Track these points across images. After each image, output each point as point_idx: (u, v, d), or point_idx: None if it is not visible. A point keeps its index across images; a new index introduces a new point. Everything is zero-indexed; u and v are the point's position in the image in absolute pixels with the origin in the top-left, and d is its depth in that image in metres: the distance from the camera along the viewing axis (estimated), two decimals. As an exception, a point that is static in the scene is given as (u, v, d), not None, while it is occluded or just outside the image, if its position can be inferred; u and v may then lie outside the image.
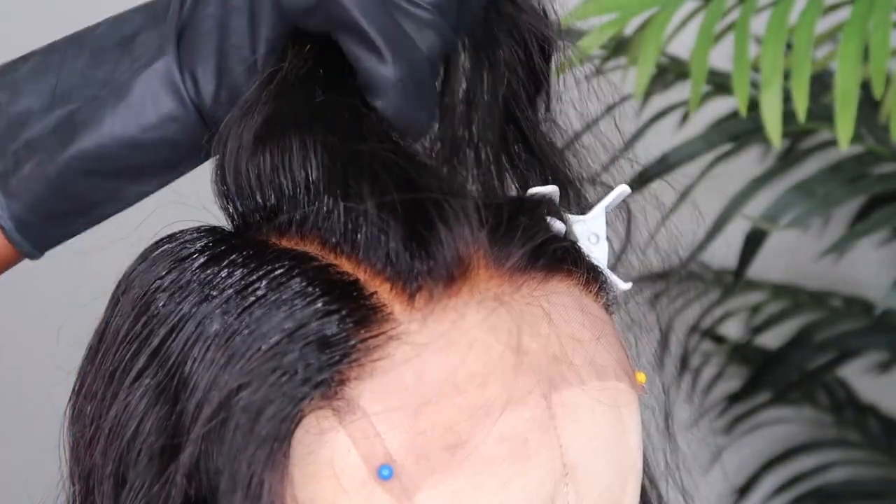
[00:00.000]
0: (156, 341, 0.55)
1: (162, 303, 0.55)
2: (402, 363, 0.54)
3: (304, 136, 0.57)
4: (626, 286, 0.62)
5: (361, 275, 0.55)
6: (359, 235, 0.55)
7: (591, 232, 0.62)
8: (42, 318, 0.87)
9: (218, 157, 0.59)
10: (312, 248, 0.56)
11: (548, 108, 0.67)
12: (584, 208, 0.65)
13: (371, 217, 0.55)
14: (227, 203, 0.58)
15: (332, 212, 0.56)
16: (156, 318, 0.55)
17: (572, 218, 0.62)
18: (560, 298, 0.57)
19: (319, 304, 0.54)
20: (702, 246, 1.21)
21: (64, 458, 0.58)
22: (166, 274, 0.56)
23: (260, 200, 0.57)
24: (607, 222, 0.63)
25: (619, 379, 0.58)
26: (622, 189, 0.64)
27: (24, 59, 0.66)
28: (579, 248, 0.60)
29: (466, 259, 0.55)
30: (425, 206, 0.55)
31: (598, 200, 0.64)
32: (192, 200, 0.62)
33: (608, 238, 0.63)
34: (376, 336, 0.54)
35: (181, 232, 0.57)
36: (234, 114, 0.60)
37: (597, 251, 0.62)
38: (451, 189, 0.57)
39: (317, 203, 0.56)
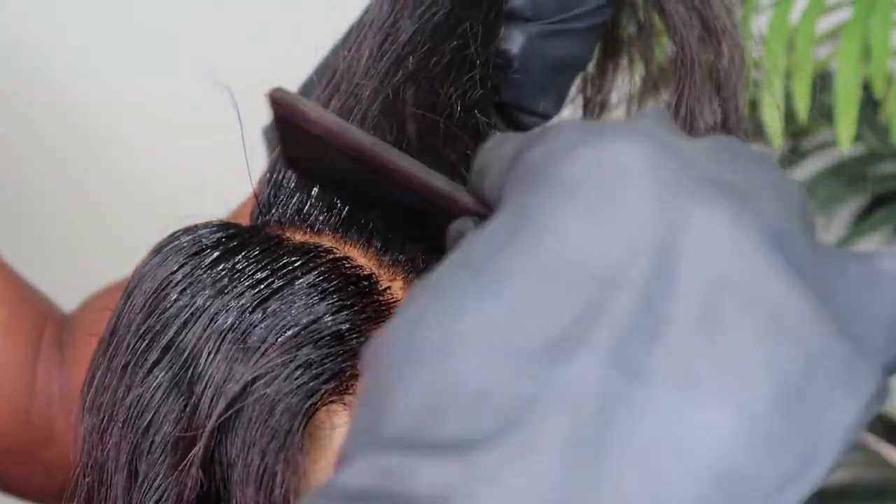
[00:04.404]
0: (169, 334, 0.55)
1: (175, 297, 0.55)
2: None
3: None
4: None
5: (376, 268, 0.56)
6: (374, 231, 0.56)
7: None
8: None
9: None
10: (327, 241, 0.57)
11: None
12: None
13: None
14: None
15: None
16: (169, 311, 0.55)
17: None
18: None
19: (333, 299, 0.54)
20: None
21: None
22: (179, 268, 0.56)
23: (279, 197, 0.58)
24: None
25: None
26: None
27: None
28: None
29: None
30: None
31: None
32: (205, 194, 0.62)
33: None
34: None
35: (194, 226, 0.57)
36: None
37: None
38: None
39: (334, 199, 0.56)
